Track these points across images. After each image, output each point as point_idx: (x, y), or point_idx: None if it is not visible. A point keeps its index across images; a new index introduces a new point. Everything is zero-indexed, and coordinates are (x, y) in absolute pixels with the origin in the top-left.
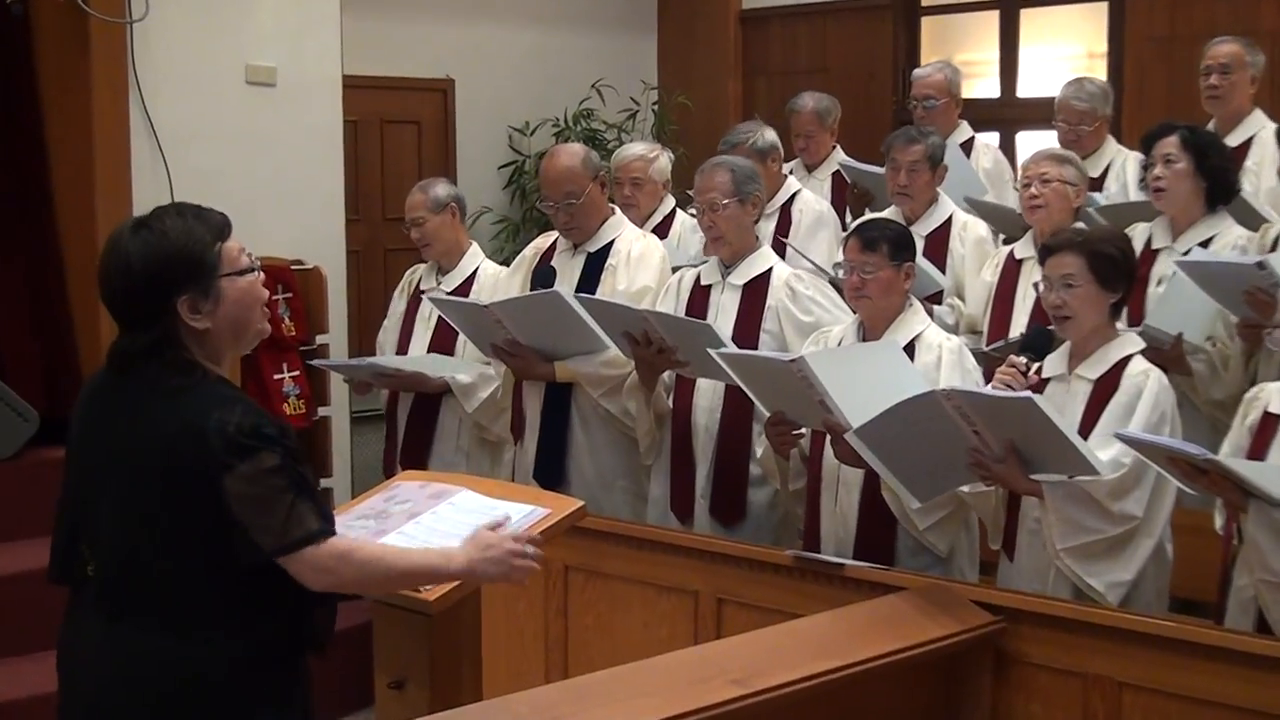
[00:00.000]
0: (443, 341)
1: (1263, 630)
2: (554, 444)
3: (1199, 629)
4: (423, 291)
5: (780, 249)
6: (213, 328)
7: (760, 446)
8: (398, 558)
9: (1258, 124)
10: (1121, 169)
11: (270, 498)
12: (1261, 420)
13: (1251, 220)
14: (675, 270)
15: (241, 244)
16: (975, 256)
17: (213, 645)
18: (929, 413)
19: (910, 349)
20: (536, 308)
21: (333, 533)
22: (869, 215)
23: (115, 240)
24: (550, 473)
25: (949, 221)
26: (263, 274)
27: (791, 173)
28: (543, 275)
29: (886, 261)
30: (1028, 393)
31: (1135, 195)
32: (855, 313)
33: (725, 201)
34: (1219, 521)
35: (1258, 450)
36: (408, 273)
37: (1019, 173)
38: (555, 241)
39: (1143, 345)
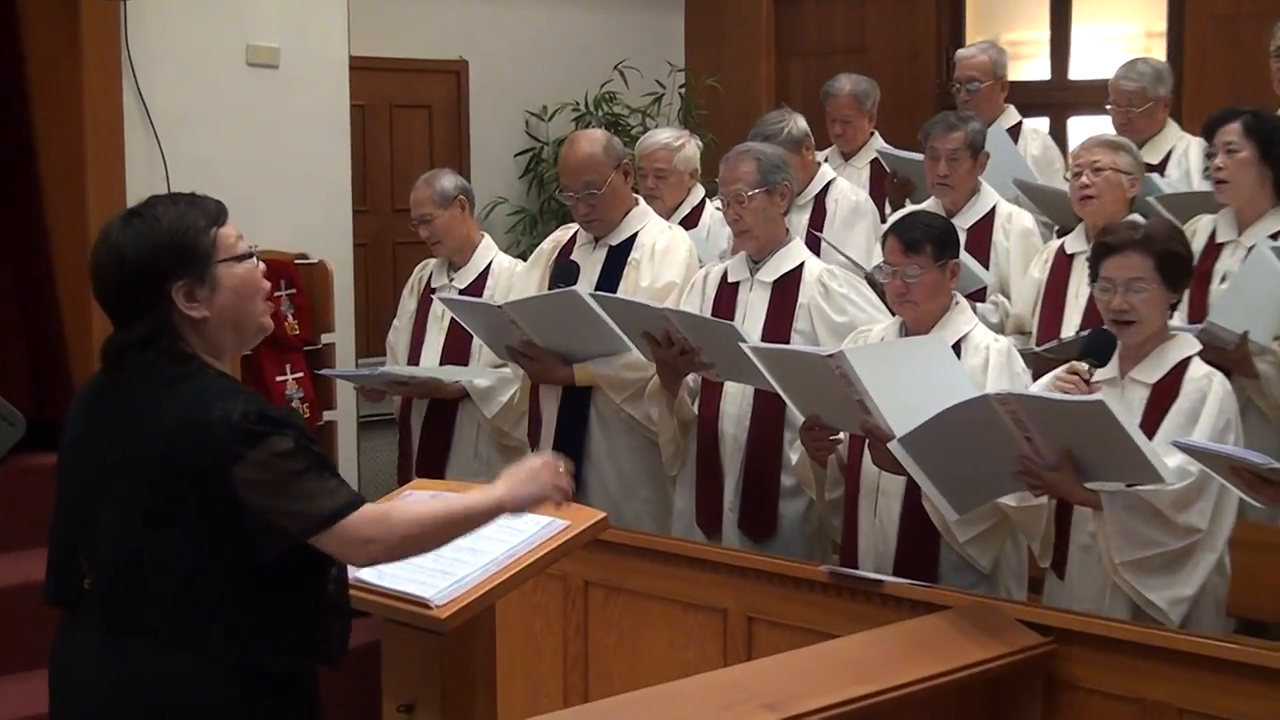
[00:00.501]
0: (457, 342)
1: None
2: (570, 450)
3: (1264, 651)
4: (433, 290)
5: (815, 243)
6: (211, 317)
7: (795, 453)
8: (438, 507)
9: None
10: (1184, 155)
11: (289, 480)
12: None
13: None
14: (703, 266)
15: (239, 230)
16: (1021, 251)
17: (217, 664)
18: (979, 418)
19: (956, 350)
20: (553, 307)
21: (363, 500)
22: (910, 207)
23: (106, 233)
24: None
25: (992, 213)
26: (263, 264)
27: (826, 161)
28: (563, 271)
29: (931, 263)
30: (1099, 395)
31: (1199, 184)
32: (894, 315)
33: (752, 192)
34: None
35: None
36: (417, 269)
37: (1069, 160)
38: (575, 234)
39: (1199, 346)
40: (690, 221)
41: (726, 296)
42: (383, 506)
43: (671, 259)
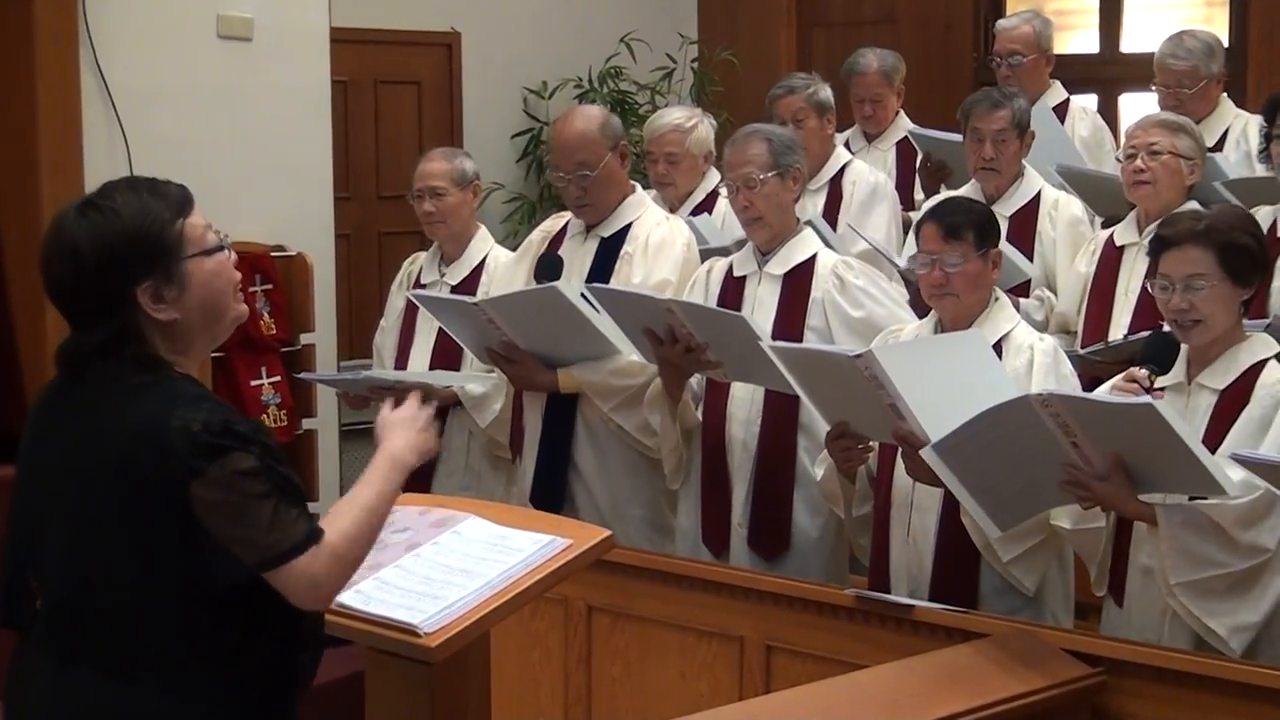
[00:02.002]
0: (449, 344)
1: None
2: (555, 463)
3: None
4: (422, 286)
5: (832, 228)
6: (181, 318)
7: (820, 467)
8: (358, 509)
9: None
10: (1242, 135)
11: (248, 504)
12: None
13: None
14: (706, 259)
15: (206, 219)
16: (1069, 241)
17: (176, 696)
18: (1020, 422)
19: (997, 350)
20: (534, 305)
21: (321, 535)
22: (945, 193)
23: (59, 224)
24: (550, 497)
25: (1037, 199)
26: (234, 254)
27: (848, 143)
28: (546, 265)
29: (973, 251)
30: (1146, 397)
31: (1259, 167)
32: (919, 310)
33: (763, 176)
34: None
35: None
36: (406, 263)
37: (1123, 140)
38: (567, 224)
39: (1277, 349)
40: (705, 208)
41: (733, 291)
42: (331, 540)
43: (667, 254)
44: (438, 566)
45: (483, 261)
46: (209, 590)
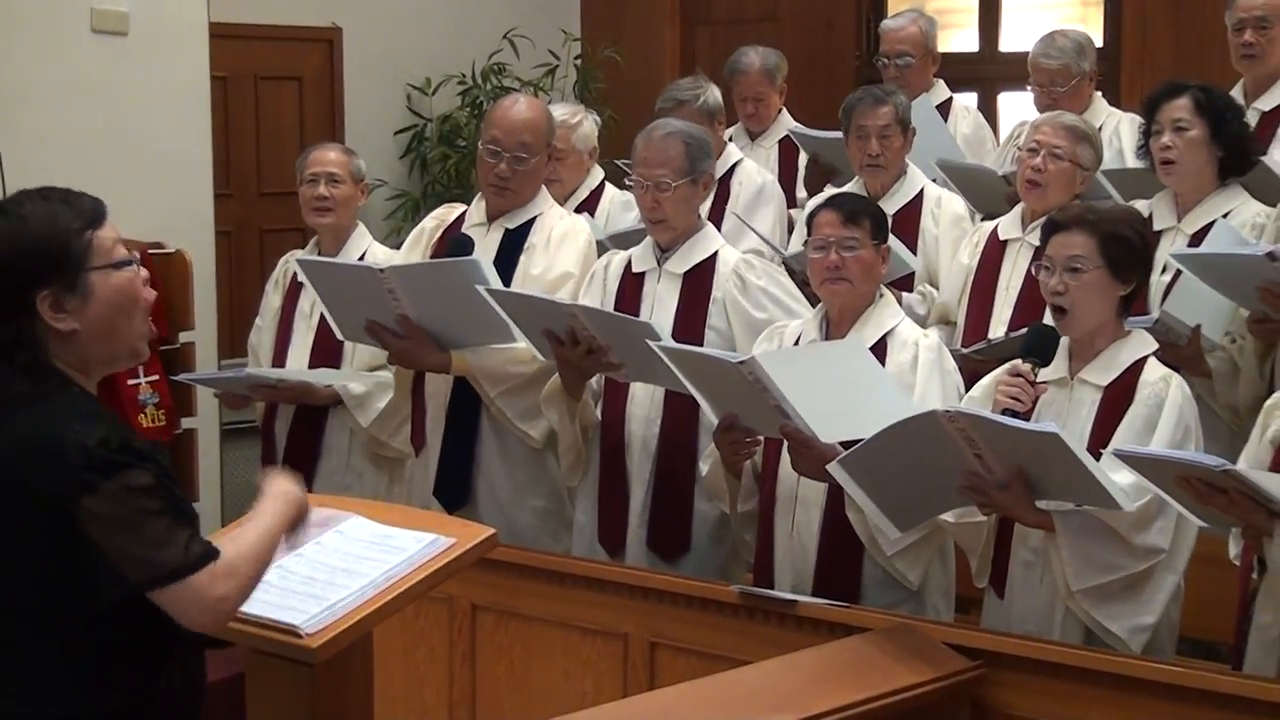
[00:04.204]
0: (328, 342)
1: None
2: (459, 455)
3: (1215, 675)
4: (299, 285)
5: (718, 227)
6: (81, 330)
7: (707, 461)
8: (259, 534)
9: None
10: (1115, 133)
11: (140, 520)
12: None
13: (1278, 195)
14: (603, 253)
15: (119, 233)
16: (951, 239)
17: (45, 709)
18: (925, 434)
19: (882, 346)
20: (443, 279)
21: (218, 553)
22: (829, 191)
23: None
24: (454, 490)
25: (920, 196)
26: (145, 271)
27: (731, 140)
28: (457, 244)
29: (869, 239)
30: (1052, 426)
31: (1133, 164)
32: (817, 304)
33: (677, 183)
34: (1234, 550)
35: None
36: (281, 261)
37: (1026, 132)
38: (463, 215)
39: (1156, 346)
40: (588, 207)
41: (631, 289)
42: (226, 560)
43: (569, 247)
44: (320, 566)
45: (361, 258)
46: (88, 607)
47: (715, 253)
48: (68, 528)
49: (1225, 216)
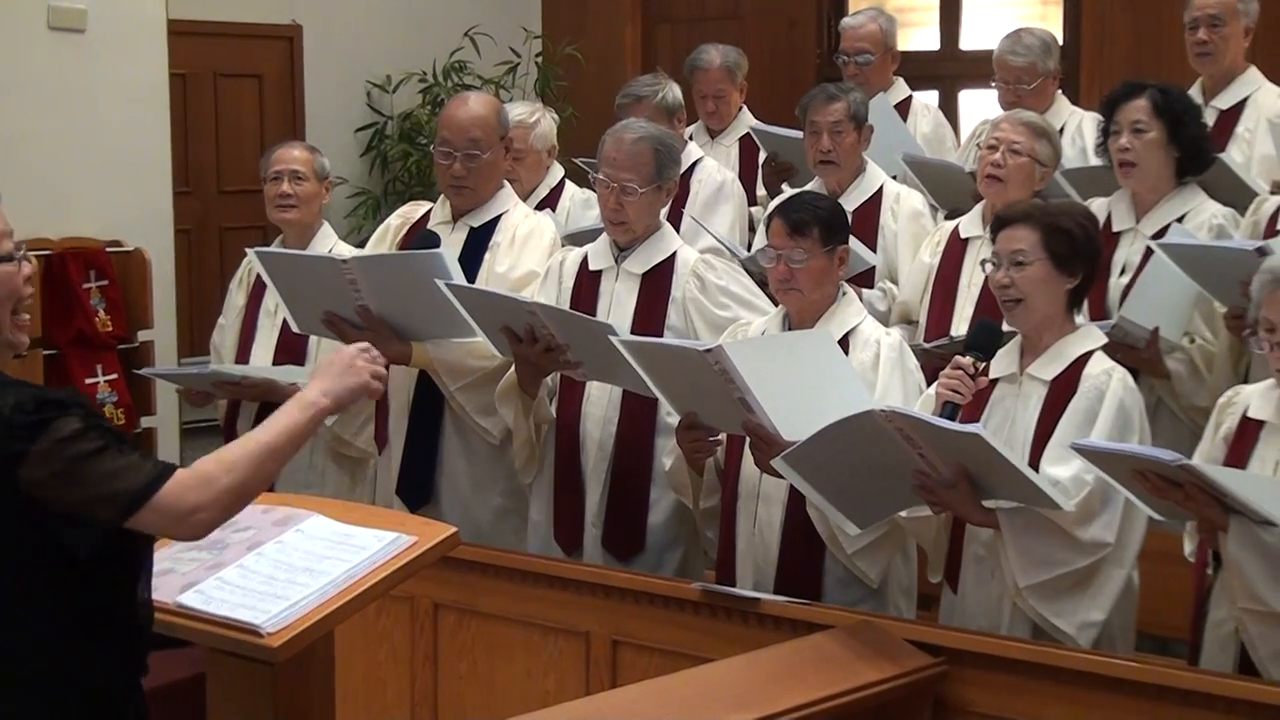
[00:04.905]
0: (293, 340)
1: (1245, 670)
2: (422, 454)
3: (1172, 670)
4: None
5: (676, 226)
6: None
7: (669, 457)
8: (255, 441)
9: (1252, 84)
10: (1078, 131)
11: (84, 462)
12: (1240, 426)
13: (1236, 194)
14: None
15: (9, 225)
16: (911, 234)
17: (13, 686)
18: (867, 433)
19: (844, 344)
20: (406, 271)
21: (174, 467)
22: (789, 191)
23: None
24: (416, 488)
25: (879, 193)
26: (27, 266)
27: (691, 138)
28: (425, 239)
29: (819, 247)
30: (977, 427)
31: (1094, 160)
32: (778, 305)
33: (643, 190)
34: (1189, 547)
35: (1236, 460)
36: (246, 259)
37: (987, 130)
38: (428, 213)
39: (1104, 340)
40: (548, 204)
41: (588, 287)
42: (198, 467)
43: (534, 246)
44: (280, 565)
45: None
46: (43, 577)
47: (674, 253)
48: (17, 501)
49: (1183, 218)
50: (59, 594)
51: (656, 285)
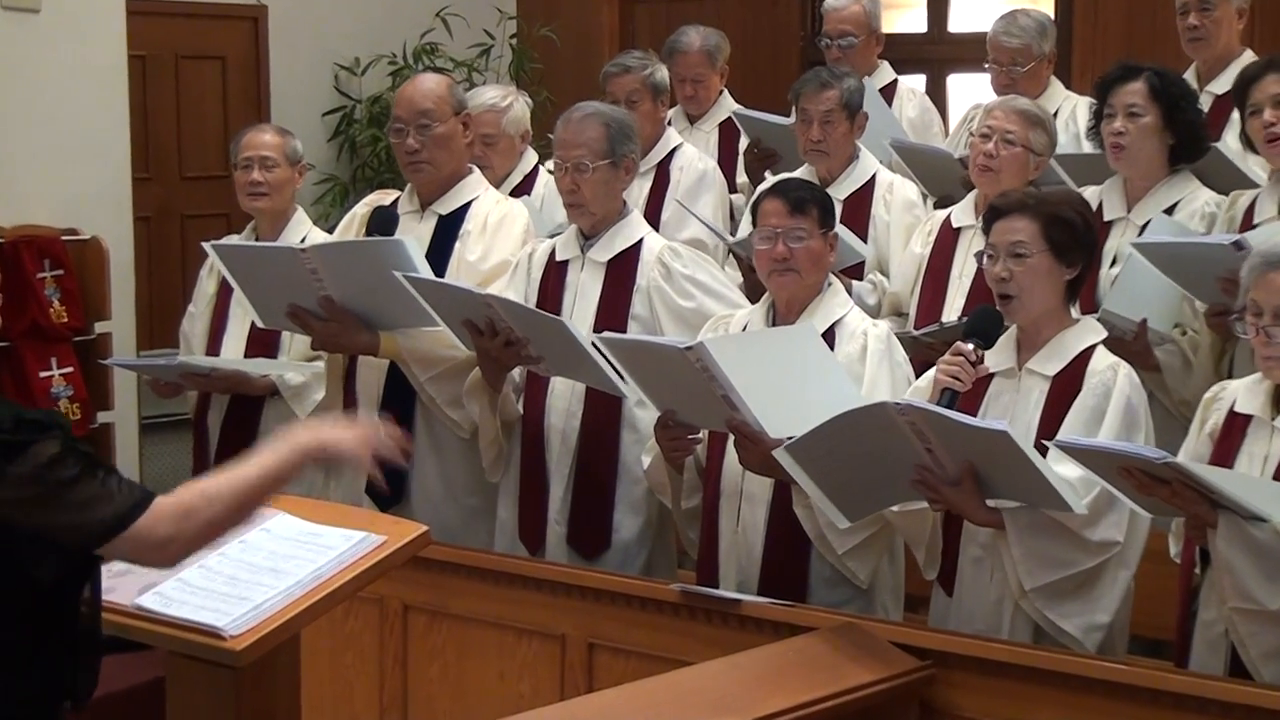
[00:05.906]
0: (265, 331)
1: (1236, 673)
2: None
3: (1166, 674)
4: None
5: (657, 214)
6: None
7: (648, 455)
8: (237, 477)
9: None
10: (1071, 117)
11: (60, 492)
12: (1226, 421)
13: (1232, 182)
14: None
15: None
16: (903, 225)
17: None
18: (875, 426)
19: (830, 336)
20: (366, 259)
21: (153, 496)
22: (771, 179)
23: None
24: (390, 488)
25: (872, 182)
26: None
27: (670, 124)
28: (381, 220)
29: (817, 228)
30: (1003, 424)
31: (1087, 146)
32: (750, 296)
33: (595, 165)
34: (1174, 549)
35: (1223, 457)
36: None
37: (979, 117)
38: (396, 201)
39: (1105, 334)
40: (523, 190)
41: (554, 278)
42: (181, 497)
43: (505, 234)
44: (244, 565)
45: (301, 243)
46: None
47: (640, 240)
48: None
49: (1175, 206)
50: (8, 615)
51: (621, 273)
